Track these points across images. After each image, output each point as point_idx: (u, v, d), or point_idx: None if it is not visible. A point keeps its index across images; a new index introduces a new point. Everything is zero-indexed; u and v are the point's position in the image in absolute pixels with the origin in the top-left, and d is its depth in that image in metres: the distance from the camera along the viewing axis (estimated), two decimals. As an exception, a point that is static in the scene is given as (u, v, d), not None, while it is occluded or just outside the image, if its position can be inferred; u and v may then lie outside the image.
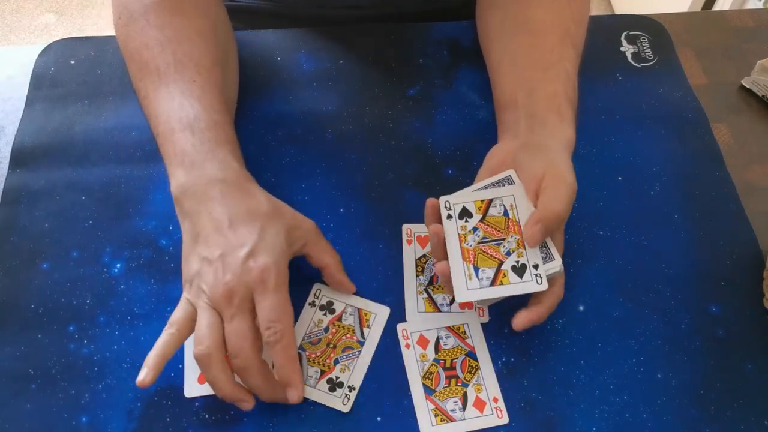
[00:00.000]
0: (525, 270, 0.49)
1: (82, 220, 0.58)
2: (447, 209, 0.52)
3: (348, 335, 0.53)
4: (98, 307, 0.54)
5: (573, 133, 0.55)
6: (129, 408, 0.50)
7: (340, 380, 0.50)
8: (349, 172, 0.62)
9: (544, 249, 0.50)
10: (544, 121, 0.55)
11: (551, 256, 0.49)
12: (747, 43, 0.74)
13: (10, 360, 0.51)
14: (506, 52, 0.61)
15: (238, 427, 0.49)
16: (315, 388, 0.50)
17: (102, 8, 2.02)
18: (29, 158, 0.61)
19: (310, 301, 0.54)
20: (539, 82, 0.57)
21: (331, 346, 0.52)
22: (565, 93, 0.56)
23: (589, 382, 0.52)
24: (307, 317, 0.53)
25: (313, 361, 0.51)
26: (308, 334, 0.53)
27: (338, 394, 0.50)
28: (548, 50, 0.58)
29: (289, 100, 0.66)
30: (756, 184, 0.63)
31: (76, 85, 0.66)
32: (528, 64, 0.58)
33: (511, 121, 0.57)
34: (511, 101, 0.58)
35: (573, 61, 0.58)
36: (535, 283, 0.49)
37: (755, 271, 0.57)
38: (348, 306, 0.54)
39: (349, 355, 0.52)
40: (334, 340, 0.52)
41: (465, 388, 0.51)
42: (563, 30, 0.59)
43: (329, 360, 0.51)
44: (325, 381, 0.50)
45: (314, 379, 0.51)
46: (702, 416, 0.50)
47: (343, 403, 0.50)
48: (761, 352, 0.53)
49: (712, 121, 0.67)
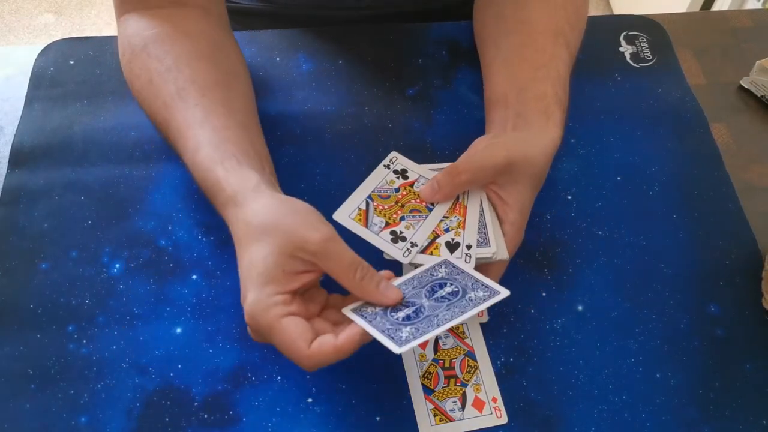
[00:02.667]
0: (457, 248, 0.50)
1: (81, 220, 0.58)
2: (391, 162, 0.54)
3: (418, 200, 0.52)
4: (97, 307, 0.54)
5: (558, 135, 0.55)
6: (128, 408, 0.50)
7: (403, 235, 0.50)
8: (349, 172, 0.62)
9: (484, 234, 0.50)
10: (530, 121, 0.55)
11: (488, 243, 0.50)
12: (746, 43, 0.74)
13: (9, 360, 0.51)
14: (499, 51, 0.61)
15: (238, 426, 0.49)
16: (378, 236, 0.49)
17: (101, 8, 2.01)
18: (28, 158, 0.61)
19: (386, 164, 0.54)
20: (529, 81, 0.57)
21: (399, 205, 0.52)
22: (555, 94, 0.56)
23: (588, 382, 0.52)
24: (379, 175, 0.53)
25: (379, 212, 0.51)
26: (378, 188, 0.53)
27: (400, 246, 0.49)
28: (540, 50, 0.58)
29: (288, 101, 0.66)
30: (755, 184, 0.63)
31: (75, 85, 0.66)
32: (519, 63, 0.58)
33: (499, 120, 0.57)
34: (502, 99, 0.58)
35: (565, 62, 0.58)
36: (464, 262, 0.49)
37: (754, 270, 0.57)
38: (422, 177, 0.53)
39: (416, 216, 0.51)
40: (403, 200, 0.52)
41: (464, 388, 0.51)
42: (556, 30, 0.59)
43: (396, 215, 0.51)
44: (389, 232, 0.50)
45: (378, 227, 0.50)
46: (701, 416, 0.51)
47: (404, 255, 0.49)
48: (760, 352, 0.53)
49: (711, 121, 0.67)
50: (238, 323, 0.53)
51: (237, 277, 0.56)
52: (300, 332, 0.42)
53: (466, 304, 0.44)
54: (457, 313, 0.43)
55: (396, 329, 0.43)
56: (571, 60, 0.60)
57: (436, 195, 0.51)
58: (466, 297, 0.45)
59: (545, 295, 0.55)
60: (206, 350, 0.52)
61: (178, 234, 0.58)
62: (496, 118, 0.58)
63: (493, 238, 0.50)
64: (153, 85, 0.55)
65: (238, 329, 0.53)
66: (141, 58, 0.56)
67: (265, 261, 0.43)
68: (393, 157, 0.54)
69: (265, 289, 0.43)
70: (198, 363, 0.52)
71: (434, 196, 0.51)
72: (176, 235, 0.57)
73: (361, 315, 0.44)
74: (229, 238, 0.57)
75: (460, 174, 0.51)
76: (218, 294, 0.55)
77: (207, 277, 0.55)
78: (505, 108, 0.57)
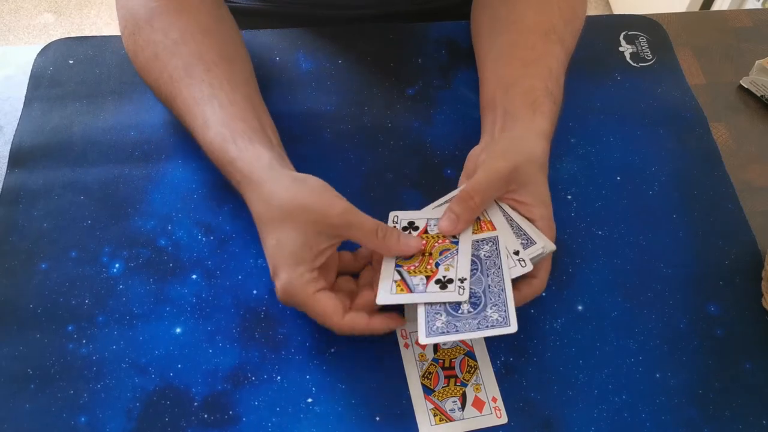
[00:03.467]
0: (508, 258, 0.50)
1: (80, 219, 0.58)
2: (394, 223, 0.53)
3: (440, 240, 0.51)
4: (97, 306, 0.54)
5: (548, 126, 0.54)
6: (128, 408, 0.50)
7: (448, 278, 0.49)
8: (348, 172, 0.62)
9: (523, 235, 0.50)
10: (516, 116, 0.55)
11: (531, 241, 0.50)
12: (745, 43, 0.74)
13: (8, 360, 0.51)
14: (490, 52, 0.61)
15: (238, 427, 0.49)
16: (426, 293, 0.49)
17: (101, 8, 2.01)
18: (28, 158, 0.61)
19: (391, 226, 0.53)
20: (518, 78, 0.57)
21: (427, 254, 0.51)
22: (545, 87, 0.55)
23: (587, 382, 0.52)
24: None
25: (414, 272, 0.50)
26: None
27: (451, 289, 0.49)
28: (529, 47, 0.58)
29: (288, 100, 0.66)
30: (754, 183, 0.63)
31: (75, 84, 0.66)
32: (509, 62, 0.58)
33: (489, 122, 0.57)
34: (491, 101, 0.58)
35: (558, 58, 0.58)
36: (520, 267, 0.49)
37: (754, 270, 0.57)
38: (430, 219, 0.53)
39: (447, 255, 0.51)
40: (427, 248, 0.51)
41: (464, 387, 0.51)
42: (548, 27, 0.59)
43: (429, 266, 0.50)
44: (434, 282, 0.49)
45: (421, 285, 0.49)
46: (700, 416, 0.51)
47: (459, 294, 0.48)
48: (760, 352, 0.53)
49: (711, 120, 0.67)
50: (238, 323, 0.53)
51: (236, 278, 0.56)
52: (333, 306, 0.48)
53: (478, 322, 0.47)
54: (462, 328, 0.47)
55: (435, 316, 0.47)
56: (566, 56, 0.59)
57: (457, 226, 0.51)
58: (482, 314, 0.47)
59: (545, 295, 0.55)
60: (206, 350, 0.52)
61: (178, 234, 0.58)
62: (486, 121, 0.58)
63: (534, 234, 0.50)
64: (159, 60, 0.56)
65: (238, 329, 0.53)
66: (145, 30, 0.56)
67: (294, 242, 0.48)
68: (394, 217, 0.53)
69: (297, 269, 0.47)
70: (198, 363, 0.52)
71: (456, 227, 0.51)
72: (176, 235, 0.57)
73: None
74: (228, 237, 0.57)
75: (472, 198, 0.50)
76: (218, 294, 0.55)
77: (207, 277, 0.55)
78: (494, 109, 0.57)
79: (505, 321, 0.47)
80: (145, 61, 0.57)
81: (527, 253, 0.50)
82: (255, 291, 0.55)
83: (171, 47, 0.55)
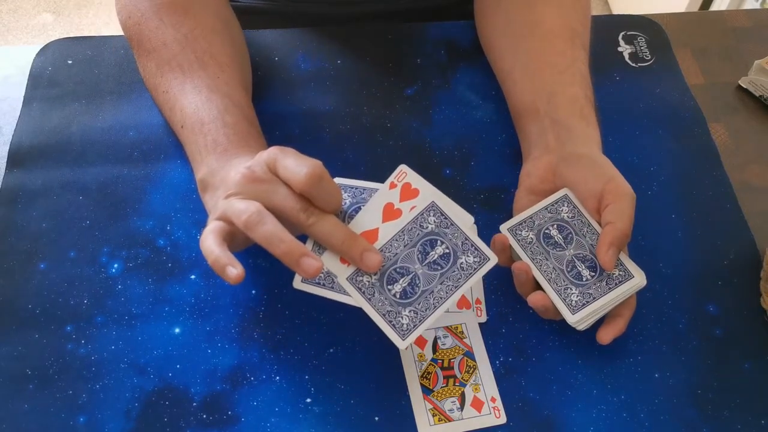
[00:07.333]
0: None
1: (79, 220, 0.58)
2: None
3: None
4: (95, 307, 0.54)
5: (599, 135, 0.54)
6: (127, 408, 0.49)
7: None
8: (347, 172, 0.61)
9: (621, 266, 0.50)
10: (571, 128, 0.54)
11: (630, 274, 0.50)
12: (744, 43, 0.74)
13: (7, 360, 0.51)
14: (517, 57, 0.60)
15: (237, 427, 0.49)
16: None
17: (99, 8, 2.01)
18: (26, 158, 0.61)
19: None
20: (557, 85, 0.56)
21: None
22: (585, 95, 0.56)
23: (586, 382, 0.52)
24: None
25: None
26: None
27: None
28: (560, 53, 0.58)
29: (287, 100, 0.66)
30: (753, 183, 0.63)
31: (74, 84, 0.66)
32: (541, 69, 0.58)
33: (536, 132, 0.56)
34: (532, 109, 0.57)
35: (585, 62, 0.58)
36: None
37: (752, 270, 0.57)
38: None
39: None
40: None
41: (463, 387, 0.51)
42: (572, 31, 0.59)
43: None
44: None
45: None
46: (699, 416, 0.51)
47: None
48: (759, 352, 0.53)
49: (710, 120, 0.67)
50: (237, 323, 0.53)
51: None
52: None
53: (459, 275, 0.46)
54: (452, 287, 0.46)
55: (396, 313, 0.45)
56: (588, 59, 0.59)
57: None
58: (457, 264, 0.46)
59: (544, 295, 0.55)
60: (205, 350, 0.52)
61: (177, 234, 0.58)
62: (532, 130, 0.57)
63: (630, 265, 0.50)
64: (168, 48, 0.56)
65: (237, 329, 0.53)
66: (153, 22, 0.57)
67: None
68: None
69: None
70: (196, 363, 0.52)
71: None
72: (175, 235, 0.57)
73: (359, 288, 0.46)
74: (227, 238, 0.57)
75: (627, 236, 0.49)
76: (217, 294, 0.55)
77: (205, 277, 0.55)
78: (537, 117, 0.56)
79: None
80: (152, 48, 0.57)
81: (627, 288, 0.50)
82: (254, 291, 0.55)
83: (182, 40, 0.56)
